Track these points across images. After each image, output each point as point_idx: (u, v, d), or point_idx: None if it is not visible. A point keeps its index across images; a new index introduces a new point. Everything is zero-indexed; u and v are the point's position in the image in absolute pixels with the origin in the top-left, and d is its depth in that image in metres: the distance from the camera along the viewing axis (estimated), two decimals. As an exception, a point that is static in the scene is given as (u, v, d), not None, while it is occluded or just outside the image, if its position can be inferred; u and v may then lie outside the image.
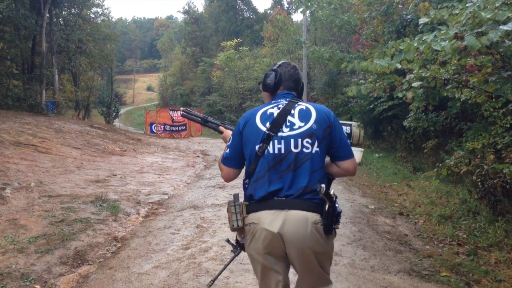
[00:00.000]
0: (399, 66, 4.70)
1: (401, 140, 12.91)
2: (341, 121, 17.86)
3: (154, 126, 25.53)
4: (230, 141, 2.17)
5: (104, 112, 28.25)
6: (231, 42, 38.35)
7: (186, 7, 56.40)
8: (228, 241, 2.31)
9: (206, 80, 43.95)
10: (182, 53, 57.57)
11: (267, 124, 2.04)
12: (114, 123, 29.11)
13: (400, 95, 5.11)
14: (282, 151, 2.00)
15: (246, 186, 2.11)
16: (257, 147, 2.03)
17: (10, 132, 10.89)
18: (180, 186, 7.91)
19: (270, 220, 1.94)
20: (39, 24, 22.07)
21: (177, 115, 25.26)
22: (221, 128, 2.52)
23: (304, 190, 1.96)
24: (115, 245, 4.57)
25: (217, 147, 16.92)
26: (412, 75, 4.83)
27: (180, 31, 62.16)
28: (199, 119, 2.70)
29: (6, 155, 8.63)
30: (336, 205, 1.94)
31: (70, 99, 31.63)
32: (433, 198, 6.89)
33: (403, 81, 5.11)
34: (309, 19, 28.17)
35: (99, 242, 4.56)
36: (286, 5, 58.43)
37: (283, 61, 2.33)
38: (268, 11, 56.17)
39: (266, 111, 2.11)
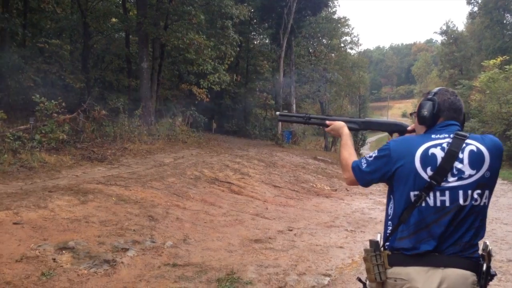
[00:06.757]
0: None
1: None
2: None
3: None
4: (373, 163, 1.76)
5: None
6: (494, 60, 32.28)
7: (444, 28, 51.55)
8: (359, 279, 1.91)
9: (464, 105, 38.37)
10: (439, 76, 52.89)
11: (429, 170, 1.63)
12: (361, 151, 28.49)
13: None
14: (447, 204, 1.63)
15: (393, 233, 1.70)
16: (412, 194, 1.65)
17: (214, 167, 10.43)
18: (361, 259, 5.41)
19: (424, 279, 1.60)
20: (278, 55, 22.76)
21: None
22: (328, 122, 2.30)
23: (465, 245, 1.63)
24: None
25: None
26: None
27: (438, 54, 57.30)
28: (301, 119, 2.43)
29: (188, 195, 7.90)
30: (491, 264, 1.63)
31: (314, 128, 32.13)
32: None
33: None
34: None
35: None
36: None
37: (439, 88, 1.87)
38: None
39: (427, 150, 1.66)
